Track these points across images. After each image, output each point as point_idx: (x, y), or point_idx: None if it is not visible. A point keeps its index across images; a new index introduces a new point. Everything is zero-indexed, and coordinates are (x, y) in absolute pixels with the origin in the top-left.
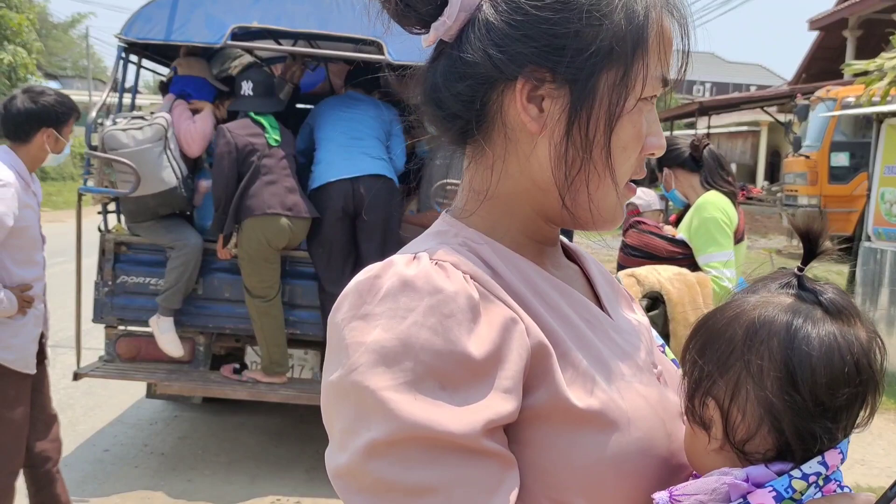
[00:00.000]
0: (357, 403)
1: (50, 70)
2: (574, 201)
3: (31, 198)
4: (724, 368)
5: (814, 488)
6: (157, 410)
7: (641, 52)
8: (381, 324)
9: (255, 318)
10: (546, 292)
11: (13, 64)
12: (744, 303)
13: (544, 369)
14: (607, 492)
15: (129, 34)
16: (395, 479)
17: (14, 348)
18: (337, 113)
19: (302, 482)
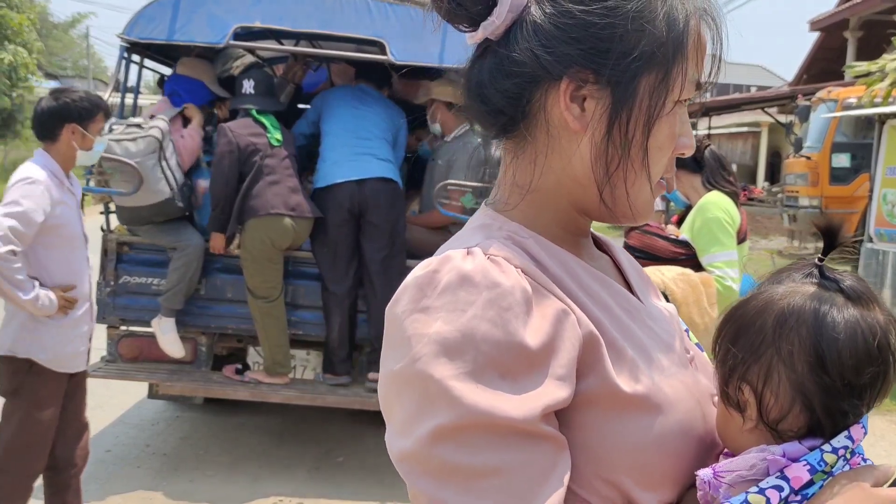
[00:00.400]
0: (421, 392)
1: (50, 70)
2: (612, 196)
3: (67, 196)
4: (756, 355)
5: (842, 461)
6: (159, 411)
7: (680, 58)
8: (442, 316)
9: (258, 318)
10: (588, 284)
11: (14, 64)
12: (772, 293)
13: (595, 358)
14: (652, 469)
15: (131, 34)
16: (460, 463)
17: (49, 348)
18: (346, 107)
19: (304, 482)
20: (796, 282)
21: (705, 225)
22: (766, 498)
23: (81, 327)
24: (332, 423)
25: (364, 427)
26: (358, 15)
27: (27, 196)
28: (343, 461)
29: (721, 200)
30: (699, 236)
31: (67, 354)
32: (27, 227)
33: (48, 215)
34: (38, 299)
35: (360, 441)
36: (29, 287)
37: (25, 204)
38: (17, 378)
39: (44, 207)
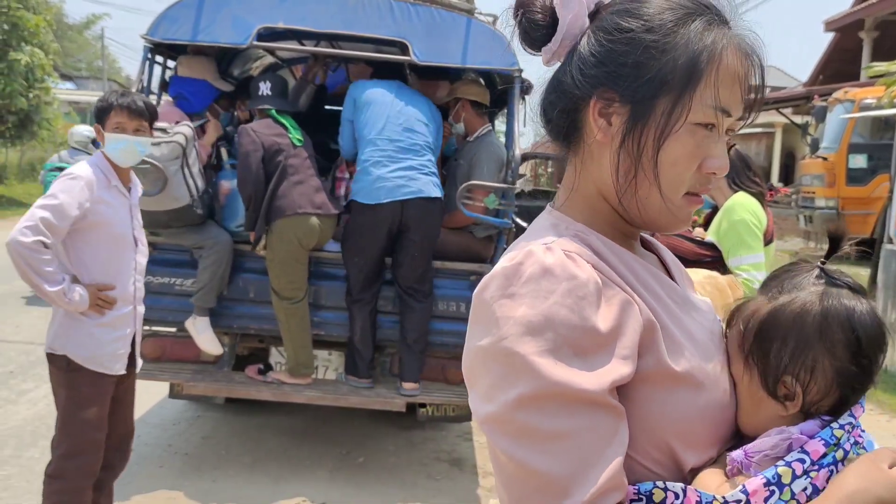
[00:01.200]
0: (506, 365)
1: (65, 71)
2: (628, 203)
3: (114, 196)
4: (804, 353)
5: (847, 434)
6: (181, 411)
7: (693, 85)
8: (527, 302)
9: (283, 319)
10: (644, 277)
11: (30, 64)
12: (801, 299)
13: (652, 341)
14: (695, 435)
15: (154, 35)
16: (538, 426)
17: (88, 347)
18: (391, 111)
19: (325, 483)
20: (813, 285)
21: (732, 227)
22: (793, 469)
23: (123, 329)
24: (353, 423)
25: (385, 428)
26: (380, 15)
27: (65, 190)
28: (364, 462)
29: (748, 202)
30: (726, 238)
31: (106, 355)
32: (60, 220)
33: (87, 212)
34: (65, 293)
35: (381, 442)
36: (56, 280)
37: (62, 198)
38: (60, 376)
39: (80, 203)
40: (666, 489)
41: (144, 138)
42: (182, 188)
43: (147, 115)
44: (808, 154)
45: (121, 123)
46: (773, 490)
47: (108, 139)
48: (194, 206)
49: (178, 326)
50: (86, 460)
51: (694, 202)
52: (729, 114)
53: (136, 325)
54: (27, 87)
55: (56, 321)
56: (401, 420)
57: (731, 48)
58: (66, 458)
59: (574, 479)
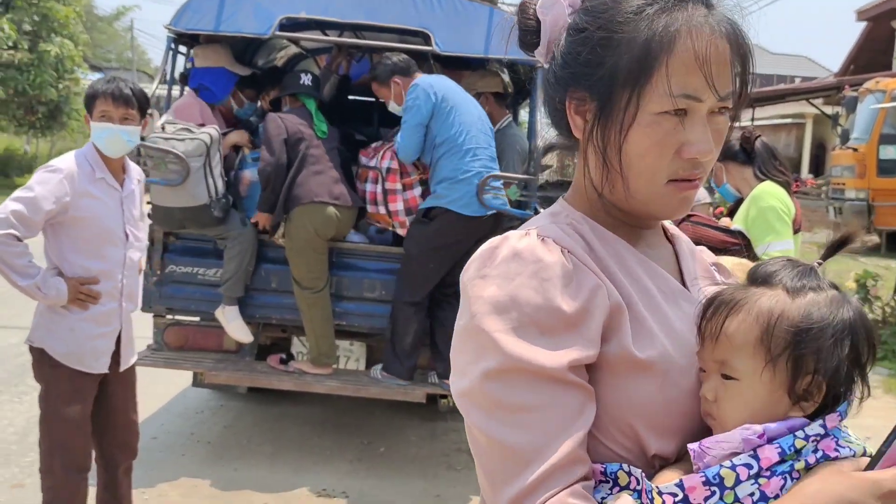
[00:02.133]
0: (476, 342)
1: (95, 62)
2: (608, 195)
3: (100, 189)
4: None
5: (812, 444)
6: (204, 399)
7: (646, 75)
8: (496, 283)
9: (304, 309)
10: (631, 266)
11: (60, 56)
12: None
13: (618, 325)
14: (660, 423)
15: (178, 25)
16: (503, 399)
17: (67, 342)
18: (472, 116)
19: (346, 474)
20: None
21: (761, 214)
22: (737, 473)
23: (107, 326)
24: (374, 414)
25: (406, 418)
26: (403, 5)
27: (41, 182)
28: (385, 452)
29: (776, 190)
30: (754, 226)
31: (85, 351)
32: (33, 213)
33: (67, 206)
34: (39, 287)
35: (402, 432)
36: (28, 274)
37: (37, 190)
38: (41, 370)
39: (58, 196)
40: (630, 473)
41: (132, 127)
42: (201, 186)
43: (135, 102)
44: (839, 145)
45: (106, 112)
46: (714, 490)
47: (94, 128)
48: (211, 206)
49: (202, 315)
50: (70, 457)
51: (684, 188)
52: (697, 98)
53: (123, 323)
54: (57, 78)
55: (38, 312)
56: (422, 410)
57: (688, 29)
58: (50, 454)
59: (536, 450)
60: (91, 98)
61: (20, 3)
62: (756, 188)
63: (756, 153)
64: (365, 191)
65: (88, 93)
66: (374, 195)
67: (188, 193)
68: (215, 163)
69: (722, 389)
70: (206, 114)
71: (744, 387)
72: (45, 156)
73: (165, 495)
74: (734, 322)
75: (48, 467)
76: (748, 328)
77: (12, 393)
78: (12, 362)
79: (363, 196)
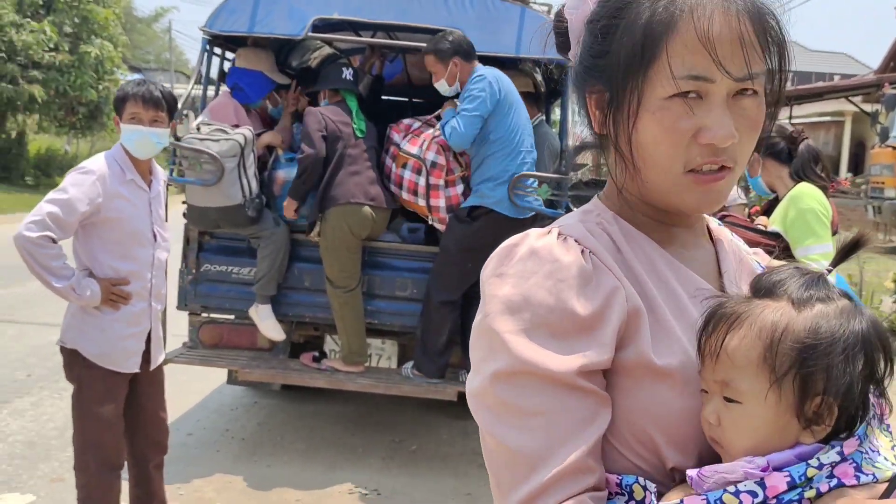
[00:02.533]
0: (488, 341)
1: (134, 63)
2: (629, 190)
3: (131, 190)
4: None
5: (826, 471)
6: (238, 397)
7: (649, 59)
8: (511, 282)
9: (337, 308)
10: (659, 268)
11: (100, 57)
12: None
13: (635, 329)
14: (678, 433)
15: (213, 27)
16: (512, 401)
17: (99, 343)
18: (524, 117)
19: (378, 471)
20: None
21: (800, 216)
22: (740, 500)
23: (137, 326)
24: (406, 412)
25: (437, 417)
26: (435, 6)
27: (75, 184)
28: (416, 450)
29: (815, 192)
30: (793, 227)
31: (117, 352)
32: (68, 215)
33: (100, 207)
34: (75, 289)
35: (434, 431)
36: (64, 275)
37: (71, 192)
38: (74, 370)
39: (91, 198)
40: (645, 488)
41: (161, 129)
42: (235, 186)
43: (164, 105)
44: (878, 143)
45: (136, 114)
46: None
47: (124, 130)
48: (246, 206)
49: (236, 313)
50: (103, 455)
51: (705, 180)
52: (707, 79)
53: (153, 322)
54: (97, 80)
55: (69, 313)
56: (453, 409)
57: (691, 8)
58: (84, 452)
59: (542, 456)
60: (121, 100)
61: (61, 6)
62: (794, 189)
63: (798, 154)
64: (402, 177)
65: (118, 95)
66: (415, 186)
67: (223, 193)
68: (249, 163)
69: (725, 413)
70: (240, 114)
71: (748, 410)
72: (85, 156)
73: (200, 491)
74: (735, 338)
75: (82, 465)
76: (750, 345)
77: (52, 389)
78: (53, 360)
79: (399, 181)
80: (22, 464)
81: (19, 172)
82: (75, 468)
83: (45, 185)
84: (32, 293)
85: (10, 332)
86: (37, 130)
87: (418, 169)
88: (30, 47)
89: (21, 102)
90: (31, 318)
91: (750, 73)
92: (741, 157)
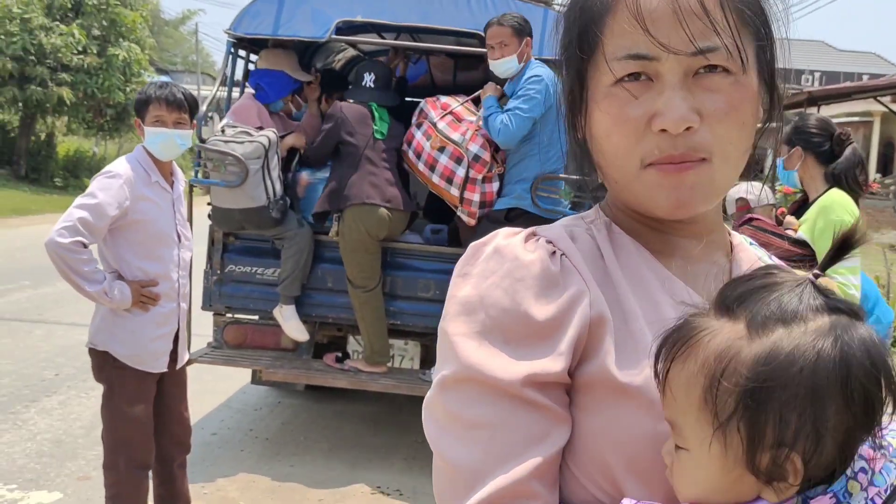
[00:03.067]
0: (442, 345)
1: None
2: (609, 193)
3: (156, 192)
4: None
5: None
6: (262, 396)
7: (595, 45)
8: (472, 282)
9: (357, 308)
10: (644, 277)
11: (127, 59)
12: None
13: (598, 339)
14: (641, 461)
15: (237, 29)
16: (457, 412)
17: (130, 344)
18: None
19: (400, 472)
20: (813, 313)
21: (829, 227)
22: None
23: (164, 327)
24: None
25: None
26: (457, 8)
27: (103, 189)
28: None
29: (847, 202)
30: (821, 238)
31: (148, 353)
32: (99, 219)
33: (127, 210)
34: (107, 292)
35: None
36: (96, 279)
37: (100, 197)
38: (104, 372)
39: (120, 202)
40: None
41: (185, 131)
42: (260, 188)
43: (187, 106)
44: None
45: (160, 116)
46: None
47: (148, 133)
48: (270, 208)
49: (260, 314)
50: (133, 454)
51: (669, 171)
52: (647, 57)
53: (181, 322)
54: (124, 82)
55: (98, 316)
56: None
57: None
58: (115, 452)
59: (479, 473)
60: (143, 103)
61: (90, 9)
62: (825, 197)
63: (843, 159)
64: (437, 160)
65: (140, 98)
66: (451, 174)
67: (247, 195)
68: (273, 165)
69: (675, 456)
70: (263, 116)
71: (693, 459)
72: (112, 157)
73: (223, 490)
74: (679, 372)
75: (112, 464)
76: (693, 381)
77: (80, 389)
78: (81, 359)
79: (432, 164)
80: (50, 462)
81: (48, 174)
82: (105, 467)
83: (74, 187)
84: (61, 293)
85: (39, 332)
86: (65, 132)
87: (458, 158)
88: (59, 50)
89: (50, 105)
90: (59, 317)
91: (699, 48)
92: (722, 145)
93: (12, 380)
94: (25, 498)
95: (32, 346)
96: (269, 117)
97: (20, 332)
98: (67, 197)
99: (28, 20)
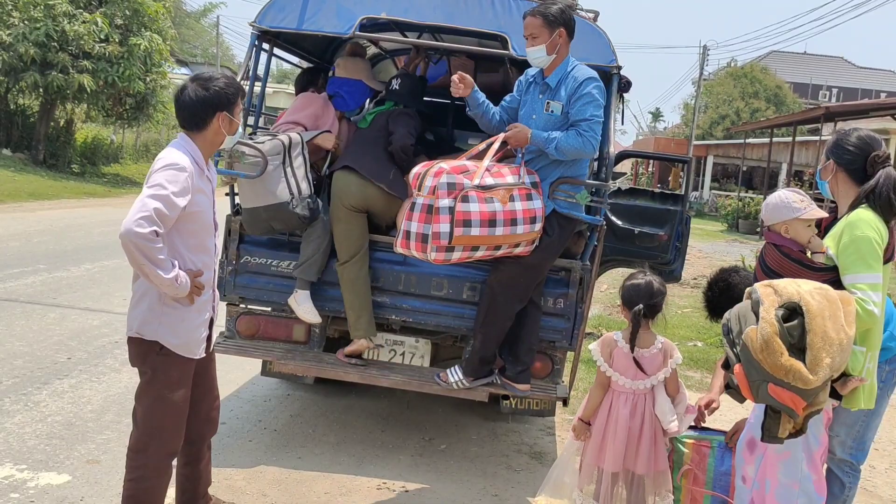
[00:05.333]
0: None
1: (181, 56)
2: None
3: (205, 183)
4: None
5: None
6: (271, 388)
7: None
8: None
9: (340, 281)
10: None
11: (149, 50)
12: None
13: None
14: None
15: (262, 23)
16: None
17: (180, 333)
18: None
19: (407, 468)
20: None
21: (853, 243)
22: None
23: (204, 314)
24: (436, 410)
25: (468, 417)
26: (481, 9)
27: (172, 181)
28: (446, 449)
29: (874, 219)
30: (844, 254)
31: (195, 340)
32: (171, 210)
33: (189, 202)
34: (177, 279)
35: (463, 430)
36: (169, 267)
37: (170, 188)
38: (147, 360)
39: (186, 194)
40: None
41: None
42: (281, 184)
43: None
44: None
45: (241, 108)
46: None
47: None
48: (292, 205)
49: (273, 306)
50: (168, 439)
51: None
52: None
53: (215, 309)
54: (145, 72)
55: (144, 306)
56: (484, 410)
57: None
58: (150, 435)
59: None
60: (237, 96)
61: None
62: (854, 213)
63: (875, 183)
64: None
65: (231, 91)
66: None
67: (268, 191)
68: (297, 164)
69: None
70: (328, 112)
71: None
72: (130, 146)
73: (230, 479)
74: None
75: (142, 447)
76: None
77: (91, 373)
78: (94, 343)
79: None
80: (59, 444)
81: (66, 160)
82: (132, 449)
83: (91, 174)
84: (75, 278)
85: (53, 315)
86: (84, 119)
87: (528, 195)
88: (81, 38)
89: (70, 92)
90: (73, 302)
91: None
92: None
93: (25, 361)
94: (35, 479)
95: (46, 328)
96: (333, 116)
97: (34, 314)
98: (84, 183)
99: (52, 7)
